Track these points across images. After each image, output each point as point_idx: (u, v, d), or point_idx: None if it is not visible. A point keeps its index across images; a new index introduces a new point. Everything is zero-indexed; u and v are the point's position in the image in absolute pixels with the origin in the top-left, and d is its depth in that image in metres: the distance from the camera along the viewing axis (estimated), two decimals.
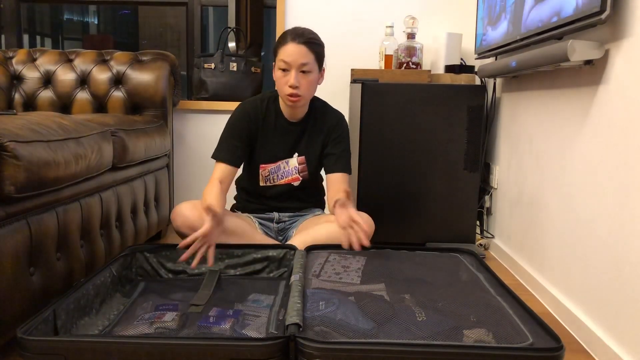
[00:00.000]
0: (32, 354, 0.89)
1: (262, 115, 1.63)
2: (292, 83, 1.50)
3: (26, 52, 2.25)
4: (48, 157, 1.16)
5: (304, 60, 1.50)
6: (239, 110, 1.63)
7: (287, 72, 1.51)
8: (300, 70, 1.50)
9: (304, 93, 1.54)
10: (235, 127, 1.61)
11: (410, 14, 2.45)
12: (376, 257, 1.39)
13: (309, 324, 0.99)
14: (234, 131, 1.61)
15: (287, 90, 1.52)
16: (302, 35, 1.50)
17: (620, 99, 1.23)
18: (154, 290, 1.31)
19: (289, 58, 1.49)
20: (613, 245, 1.24)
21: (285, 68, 1.50)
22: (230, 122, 1.63)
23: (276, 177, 1.67)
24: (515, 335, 0.97)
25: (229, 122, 1.63)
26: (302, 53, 1.49)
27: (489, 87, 2.26)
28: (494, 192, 2.21)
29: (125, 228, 1.73)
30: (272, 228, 1.71)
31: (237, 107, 1.64)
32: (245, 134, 1.61)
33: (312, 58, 1.51)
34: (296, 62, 1.49)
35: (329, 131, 1.66)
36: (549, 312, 1.55)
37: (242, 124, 1.61)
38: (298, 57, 1.49)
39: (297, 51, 1.49)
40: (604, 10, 1.18)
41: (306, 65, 1.50)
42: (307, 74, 1.52)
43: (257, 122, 1.63)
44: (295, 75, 1.50)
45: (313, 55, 1.52)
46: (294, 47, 1.49)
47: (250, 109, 1.63)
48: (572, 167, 1.46)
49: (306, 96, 1.56)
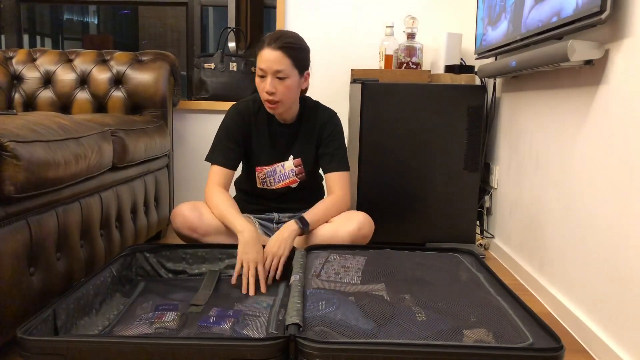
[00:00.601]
0: (32, 354, 0.89)
1: (254, 116, 1.62)
2: (267, 89, 1.47)
3: (26, 52, 2.25)
4: (48, 157, 1.16)
5: (279, 67, 1.45)
6: (232, 111, 1.62)
7: (264, 78, 1.48)
8: (276, 76, 1.47)
9: (281, 99, 1.50)
10: (229, 129, 1.60)
11: (410, 14, 2.45)
12: (376, 257, 1.39)
13: (309, 324, 0.99)
14: (228, 133, 1.59)
15: (264, 96, 1.50)
16: (278, 40, 1.45)
17: (620, 99, 1.23)
18: (154, 290, 1.31)
19: (263, 64, 1.46)
20: (613, 245, 1.23)
21: (261, 75, 1.48)
22: (223, 124, 1.61)
23: (273, 180, 1.66)
24: (515, 335, 0.97)
25: (222, 124, 1.61)
26: (277, 59, 1.44)
27: (489, 87, 2.26)
28: (494, 192, 2.21)
29: (125, 228, 1.73)
30: (272, 228, 1.70)
31: (230, 109, 1.63)
32: (239, 136, 1.60)
33: (289, 63, 1.46)
34: (271, 69, 1.45)
35: (321, 129, 1.64)
36: (549, 312, 1.55)
37: (236, 125, 1.60)
38: (272, 64, 1.45)
39: (272, 57, 1.44)
40: (604, 10, 1.18)
41: (281, 72, 1.46)
42: (283, 80, 1.47)
43: (249, 123, 1.62)
44: (270, 82, 1.46)
45: (289, 60, 1.46)
46: (268, 53, 1.45)
47: (243, 110, 1.62)
48: (572, 167, 1.46)
49: (285, 102, 1.52)
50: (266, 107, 1.54)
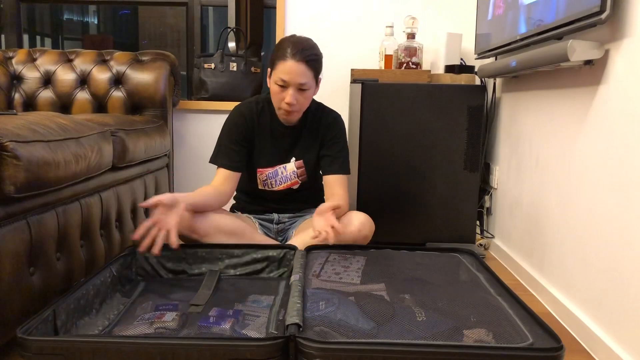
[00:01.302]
0: (32, 354, 0.89)
1: (257, 118, 1.62)
2: (289, 101, 1.46)
3: (26, 52, 2.25)
4: (48, 157, 1.16)
5: (303, 79, 1.45)
6: (235, 112, 1.62)
7: (284, 88, 1.47)
8: (299, 88, 1.46)
9: (299, 109, 1.51)
10: (232, 130, 1.60)
11: (410, 14, 2.45)
12: (376, 257, 1.39)
13: (309, 324, 0.99)
14: (231, 135, 1.59)
15: (282, 106, 1.49)
16: (303, 53, 1.44)
17: (620, 99, 1.23)
18: (154, 290, 1.31)
19: (287, 76, 1.44)
20: (613, 245, 1.24)
21: (282, 85, 1.46)
22: (226, 125, 1.61)
23: (274, 182, 1.66)
24: (515, 335, 0.97)
25: (225, 126, 1.61)
26: (302, 72, 1.44)
27: (489, 87, 2.26)
28: (494, 192, 2.21)
29: (125, 228, 1.73)
30: (272, 229, 1.70)
31: (233, 110, 1.63)
32: (242, 137, 1.60)
33: (311, 76, 1.47)
34: (294, 81, 1.44)
35: (325, 132, 1.64)
36: (549, 312, 1.55)
37: (239, 127, 1.60)
38: (297, 77, 1.44)
39: (297, 70, 1.43)
40: (604, 10, 1.18)
41: (304, 85, 1.46)
42: (304, 91, 1.48)
43: (252, 124, 1.62)
44: (293, 94, 1.45)
45: (312, 72, 1.47)
46: (293, 65, 1.43)
47: (246, 111, 1.61)
48: (572, 167, 1.46)
49: (301, 110, 1.54)
50: (281, 115, 1.54)
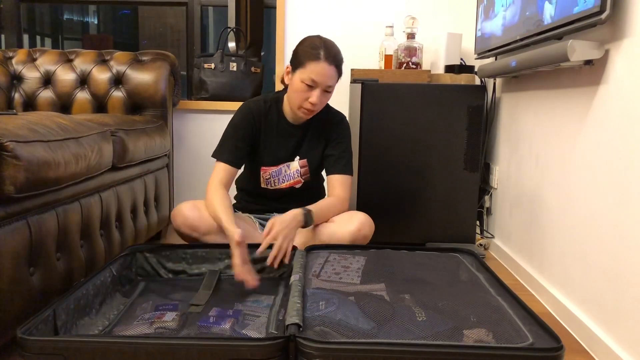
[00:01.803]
0: (32, 354, 0.89)
1: (264, 116, 1.63)
2: (315, 101, 1.49)
3: (26, 52, 2.25)
4: (48, 157, 1.16)
5: (332, 82, 1.51)
6: (243, 109, 1.62)
7: (312, 88, 1.50)
8: (325, 90, 1.51)
9: (320, 108, 1.56)
10: (238, 126, 1.60)
11: (410, 14, 2.45)
12: (376, 257, 1.39)
13: (309, 324, 0.99)
14: (237, 131, 1.59)
15: (306, 105, 1.52)
16: (335, 57, 1.49)
17: (619, 99, 1.23)
18: (154, 290, 1.31)
19: (319, 78, 1.48)
20: (613, 245, 1.24)
21: (311, 85, 1.49)
22: (233, 121, 1.61)
23: (277, 180, 1.66)
24: (515, 335, 0.97)
25: (232, 122, 1.61)
26: (332, 75, 1.49)
27: (489, 87, 2.26)
28: (494, 192, 2.21)
29: (125, 228, 1.73)
30: None
31: (241, 107, 1.63)
32: (248, 134, 1.60)
33: (337, 79, 1.54)
34: (325, 84, 1.49)
35: (330, 132, 1.66)
36: (549, 312, 1.55)
37: (246, 123, 1.60)
38: (327, 79, 1.48)
39: (329, 73, 1.48)
40: (604, 10, 1.18)
41: (331, 87, 1.52)
42: (328, 93, 1.53)
43: (259, 122, 1.62)
44: (319, 95, 1.50)
45: (338, 76, 1.53)
46: (326, 68, 1.47)
47: (254, 109, 1.62)
48: (572, 167, 1.46)
49: (320, 110, 1.58)
50: (299, 113, 1.55)
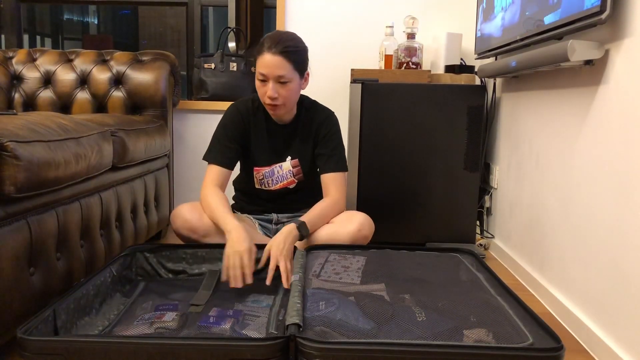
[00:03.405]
0: (32, 354, 0.89)
1: (253, 116, 1.62)
2: (269, 94, 1.47)
3: (26, 52, 2.25)
4: (48, 157, 1.16)
5: (280, 72, 1.45)
6: (231, 110, 1.62)
7: (265, 82, 1.48)
8: (278, 81, 1.47)
9: (284, 102, 1.51)
10: (227, 127, 1.60)
11: (410, 14, 2.45)
12: (376, 257, 1.39)
13: (309, 324, 0.99)
14: (227, 132, 1.59)
15: (266, 100, 1.50)
16: (278, 44, 1.44)
17: (620, 99, 1.23)
18: (154, 290, 1.31)
19: (265, 70, 1.45)
20: (613, 245, 1.24)
21: (262, 79, 1.48)
22: (222, 122, 1.61)
23: (271, 181, 1.66)
24: (515, 335, 0.97)
25: (221, 123, 1.61)
26: (278, 64, 1.44)
27: (489, 87, 2.26)
28: (494, 192, 2.21)
29: (125, 228, 1.73)
30: (271, 229, 1.70)
31: (229, 108, 1.63)
32: (237, 135, 1.60)
33: (290, 68, 1.47)
34: (272, 74, 1.45)
35: (318, 129, 1.64)
36: (549, 312, 1.55)
37: (234, 124, 1.60)
38: (274, 69, 1.44)
39: (273, 62, 1.44)
40: (604, 10, 1.18)
41: (283, 77, 1.46)
42: (285, 84, 1.48)
43: (248, 122, 1.62)
44: (272, 87, 1.46)
45: (290, 64, 1.46)
46: (270, 58, 1.44)
47: (242, 109, 1.62)
48: (572, 167, 1.46)
49: (287, 104, 1.53)
50: (268, 110, 1.55)
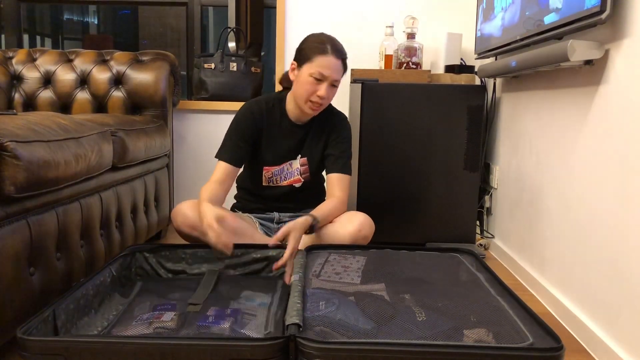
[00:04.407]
0: (32, 354, 0.89)
1: (266, 116, 1.64)
2: (323, 95, 1.52)
3: (26, 52, 2.25)
4: (48, 157, 1.16)
5: (339, 76, 1.55)
6: (244, 109, 1.64)
7: (320, 82, 1.52)
8: (332, 84, 1.54)
9: (327, 103, 1.59)
10: (239, 126, 1.62)
11: (410, 14, 2.45)
12: (376, 257, 1.39)
13: (309, 324, 0.99)
14: (239, 131, 1.61)
15: (314, 99, 1.54)
16: (341, 52, 1.54)
17: (620, 99, 1.23)
18: (152, 290, 1.31)
19: (327, 71, 1.51)
20: (613, 245, 1.23)
21: (320, 78, 1.52)
22: (234, 121, 1.63)
23: (279, 178, 1.67)
24: (515, 335, 0.97)
25: (233, 121, 1.63)
26: (339, 69, 1.54)
27: (489, 87, 2.26)
28: (494, 192, 2.21)
29: (125, 228, 1.73)
30: (272, 228, 1.70)
31: (242, 107, 1.65)
32: (249, 134, 1.61)
33: (342, 74, 1.57)
34: (332, 77, 1.52)
35: (331, 132, 1.67)
36: (549, 312, 1.55)
37: (247, 123, 1.61)
38: (335, 73, 1.53)
39: (337, 67, 1.52)
40: (604, 10, 1.18)
41: (338, 81, 1.55)
42: (334, 87, 1.56)
43: (261, 122, 1.63)
44: (327, 88, 1.53)
45: (343, 71, 1.57)
46: (334, 62, 1.51)
47: (256, 109, 1.63)
48: (572, 167, 1.46)
49: (326, 105, 1.61)
50: (306, 109, 1.57)
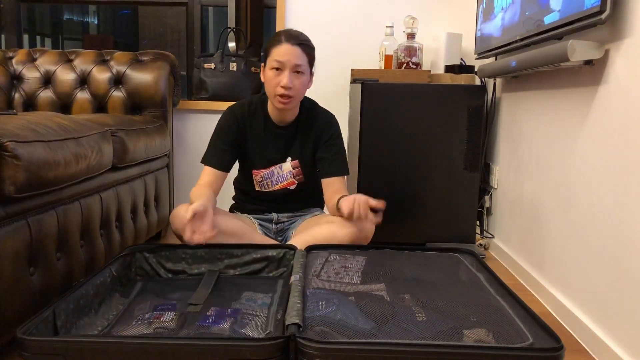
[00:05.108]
0: (32, 354, 0.89)
1: (249, 118, 1.63)
2: (285, 83, 1.48)
3: (26, 52, 2.25)
4: (48, 157, 1.16)
5: (299, 61, 1.49)
6: (227, 113, 1.63)
7: (280, 71, 1.50)
8: (294, 70, 1.50)
9: (296, 94, 1.52)
10: (223, 130, 1.61)
11: (410, 14, 2.45)
12: (376, 257, 1.39)
13: (309, 324, 0.99)
14: (222, 135, 1.61)
15: (278, 91, 1.50)
16: (297, 37, 1.50)
17: (620, 99, 1.23)
18: (152, 290, 1.31)
19: (283, 58, 1.48)
20: (613, 245, 1.24)
21: (278, 67, 1.50)
22: (218, 125, 1.63)
23: (270, 182, 1.66)
24: (515, 335, 0.97)
25: (217, 126, 1.63)
26: (297, 54, 1.49)
27: (489, 87, 2.26)
28: (494, 192, 2.21)
29: (125, 228, 1.73)
30: (271, 229, 1.70)
31: (225, 111, 1.64)
32: (233, 138, 1.61)
33: (306, 60, 1.52)
34: (290, 63, 1.49)
35: (320, 133, 1.64)
36: (549, 312, 1.55)
37: (230, 126, 1.61)
38: (292, 58, 1.48)
39: (293, 52, 1.48)
40: (604, 10, 1.18)
41: (300, 67, 1.50)
42: (299, 75, 1.51)
43: (244, 125, 1.62)
44: (289, 75, 1.49)
45: (306, 57, 1.52)
46: (289, 48, 1.48)
47: (238, 112, 1.62)
48: (571, 167, 1.46)
49: (296, 98, 1.55)
50: (276, 104, 1.54)
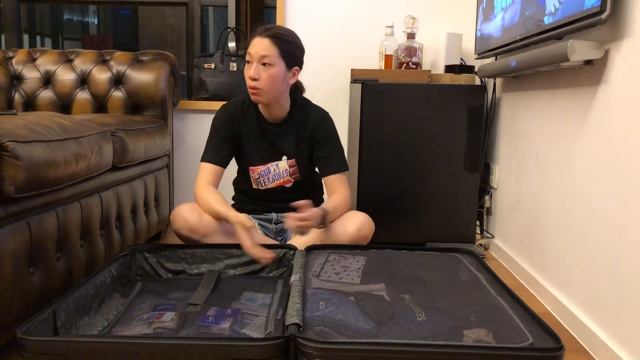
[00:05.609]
0: (32, 354, 0.89)
1: (242, 116, 1.63)
2: (251, 74, 1.49)
3: (26, 52, 2.25)
4: (48, 157, 1.16)
5: (264, 52, 1.47)
6: (220, 111, 1.64)
7: (250, 64, 1.51)
8: (261, 62, 1.49)
9: (263, 87, 1.50)
10: (218, 127, 1.62)
11: (410, 14, 2.45)
12: (376, 257, 1.39)
13: (309, 324, 0.99)
14: (218, 132, 1.61)
15: (248, 83, 1.52)
16: (269, 30, 1.50)
17: (620, 99, 1.23)
18: (152, 290, 1.31)
19: (251, 49, 1.50)
20: (613, 245, 1.23)
21: (249, 60, 1.51)
22: (213, 123, 1.63)
23: (267, 179, 1.66)
24: (515, 335, 0.97)
25: (212, 124, 1.64)
26: (264, 45, 1.48)
27: (489, 87, 2.26)
28: (494, 192, 2.21)
29: (125, 228, 1.73)
30: (271, 229, 1.70)
31: (220, 108, 1.65)
32: (229, 135, 1.61)
33: (275, 52, 1.49)
34: (257, 54, 1.48)
35: (314, 131, 1.64)
36: (549, 312, 1.55)
37: (224, 123, 1.62)
38: (259, 49, 1.48)
39: (259, 43, 1.48)
40: (604, 10, 1.18)
41: (266, 58, 1.48)
42: (267, 67, 1.49)
43: (238, 121, 1.63)
44: (255, 67, 1.49)
45: (277, 49, 1.49)
46: (256, 40, 1.49)
47: (232, 109, 1.63)
48: (572, 167, 1.46)
49: (267, 91, 1.52)
50: (250, 95, 1.56)
